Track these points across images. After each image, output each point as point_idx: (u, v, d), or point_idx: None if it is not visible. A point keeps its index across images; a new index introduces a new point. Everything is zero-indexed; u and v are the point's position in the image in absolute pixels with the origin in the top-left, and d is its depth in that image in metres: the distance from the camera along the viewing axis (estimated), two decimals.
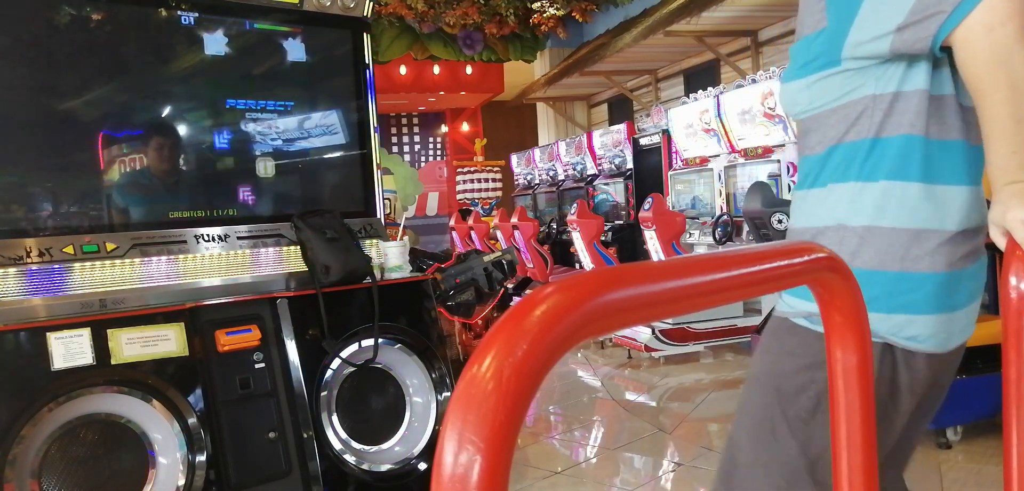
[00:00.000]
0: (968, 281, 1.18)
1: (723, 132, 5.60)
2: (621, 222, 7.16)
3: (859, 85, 1.14)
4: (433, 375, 2.68)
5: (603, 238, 6.62)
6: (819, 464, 1.16)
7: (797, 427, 1.17)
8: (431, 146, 12.71)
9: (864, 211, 1.15)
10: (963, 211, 1.14)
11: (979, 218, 1.18)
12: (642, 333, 5.08)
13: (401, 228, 3.79)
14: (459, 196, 11.10)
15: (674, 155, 6.55)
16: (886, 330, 1.14)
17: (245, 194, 2.68)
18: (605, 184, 7.66)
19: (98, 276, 2.29)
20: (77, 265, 2.26)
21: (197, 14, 2.55)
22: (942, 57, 1.12)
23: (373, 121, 2.92)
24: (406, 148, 12.61)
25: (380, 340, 2.57)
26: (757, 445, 1.22)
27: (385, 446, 2.62)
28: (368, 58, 2.91)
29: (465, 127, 12.38)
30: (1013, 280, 1.02)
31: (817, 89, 1.18)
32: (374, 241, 2.82)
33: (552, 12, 9.78)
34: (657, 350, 5.05)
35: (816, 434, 1.16)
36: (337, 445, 2.48)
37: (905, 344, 1.15)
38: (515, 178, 10.18)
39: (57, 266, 2.22)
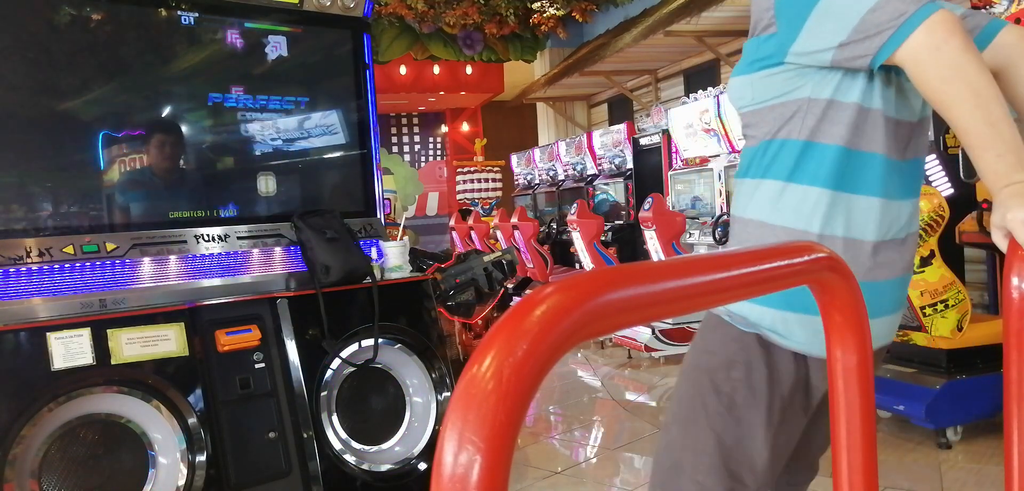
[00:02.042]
0: (884, 294, 1.22)
1: (723, 132, 5.60)
2: (621, 222, 7.16)
3: (798, 86, 1.20)
4: (433, 375, 2.68)
5: (603, 238, 6.62)
6: (734, 454, 1.23)
7: (715, 420, 1.24)
8: (431, 146, 12.71)
9: (784, 211, 1.20)
10: (878, 222, 1.19)
11: (896, 231, 1.22)
12: (642, 333, 5.08)
13: (401, 228, 3.79)
14: (459, 196, 11.10)
15: (674, 155, 6.54)
16: (768, 325, 1.20)
17: (245, 194, 2.68)
18: (605, 184, 7.66)
19: (98, 276, 2.29)
20: (77, 265, 2.26)
21: (197, 14, 2.55)
22: (879, 71, 1.16)
23: (373, 121, 2.92)
24: (406, 148, 12.61)
25: (380, 340, 2.57)
26: (685, 432, 1.29)
27: (385, 446, 2.62)
28: (368, 58, 2.91)
29: (465, 127, 12.37)
30: (1015, 280, 1.02)
31: (760, 85, 1.24)
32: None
33: (552, 12, 9.77)
34: (657, 350, 5.05)
35: (731, 427, 1.23)
36: (337, 445, 2.48)
37: (789, 345, 1.21)
38: (515, 178, 10.17)
39: (57, 266, 2.22)
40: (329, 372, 2.51)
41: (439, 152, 12.65)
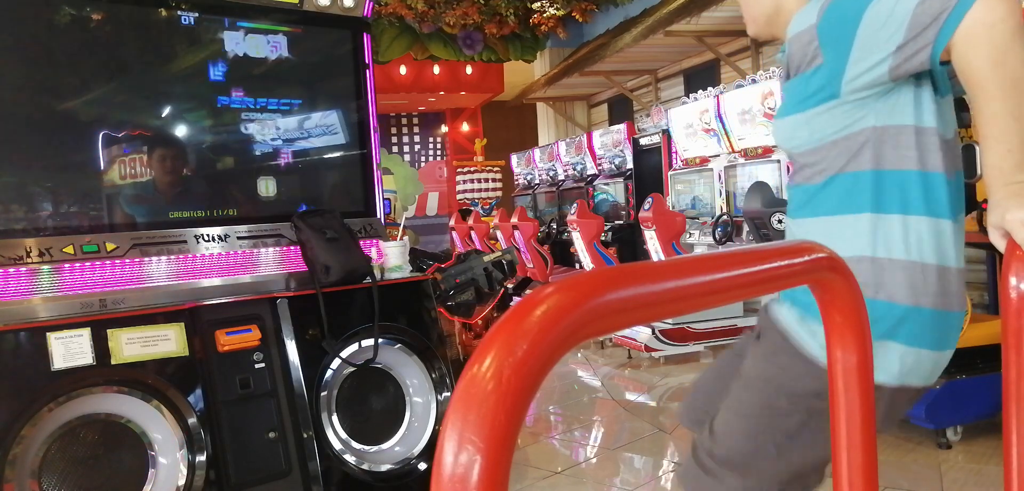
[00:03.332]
0: (960, 322, 1.22)
1: (723, 132, 5.60)
2: (621, 222, 7.16)
3: (860, 117, 1.16)
4: (433, 375, 2.68)
5: (603, 238, 6.62)
6: (794, 482, 1.24)
7: (782, 442, 1.22)
8: (431, 146, 12.71)
9: (883, 243, 1.16)
10: (956, 246, 1.17)
11: (962, 254, 1.20)
12: (642, 333, 5.08)
13: (401, 228, 3.79)
14: (459, 196, 11.10)
15: (674, 155, 6.55)
16: (897, 368, 1.16)
17: (245, 194, 2.68)
18: (605, 184, 7.66)
19: (98, 276, 2.29)
20: (77, 265, 2.26)
21: (197, 14, 2.55)
22: (925, 88, 1.14)
23: (373, 121, 2.92)
24: (406, 148, 12.60)
25: (380, 340, 2.57)
26: (746, 448, 1.26)
27: (385, 446, 2.62)
28: (368, 58, 2.91)
29: (465, 127, 12.37)
30: (1013, 280, 1.02)
31: (818, 123, 1.19)
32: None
33: (552, 12, 9.77)
34: (657, 350, 5.05)
35: (797, 453, 1.22)
36: (337, 445, 2.48)
37: (910, 383, 1.18)
38: (515, 178, 10.17)
39: (57, 266, 2.22)
40: (329, 372, 2.51)
41: (439, 152, 12.64)
